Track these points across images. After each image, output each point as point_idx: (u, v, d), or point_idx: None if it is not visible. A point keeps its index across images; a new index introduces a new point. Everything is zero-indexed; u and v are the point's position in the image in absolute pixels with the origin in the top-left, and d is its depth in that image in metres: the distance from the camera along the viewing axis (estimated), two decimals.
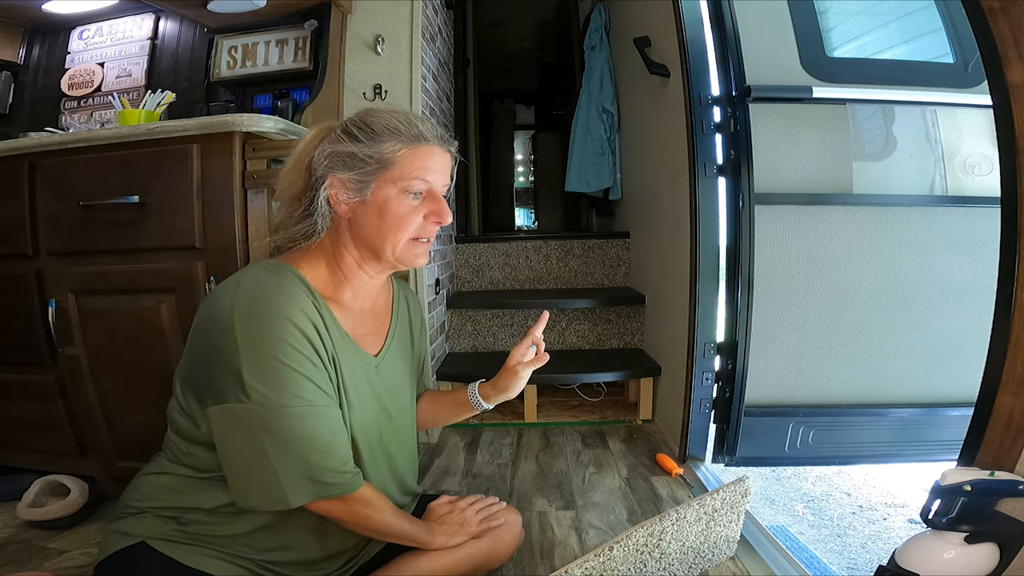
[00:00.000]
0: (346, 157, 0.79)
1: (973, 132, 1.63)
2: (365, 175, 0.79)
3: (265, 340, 0.72)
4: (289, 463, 0.73)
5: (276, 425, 0.72)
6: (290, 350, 0.73)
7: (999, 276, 0.80)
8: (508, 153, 4.99)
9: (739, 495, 1.03)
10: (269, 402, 0.72)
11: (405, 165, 0.79)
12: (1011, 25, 0.73)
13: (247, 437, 0.73)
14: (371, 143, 0.78)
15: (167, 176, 1.20)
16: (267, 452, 0.73)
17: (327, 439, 0.76)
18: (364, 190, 0.79)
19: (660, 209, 2.04)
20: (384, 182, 0.79)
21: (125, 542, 0.78)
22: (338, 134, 0.81)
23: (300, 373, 0.73)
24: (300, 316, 0.74)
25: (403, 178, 0.79)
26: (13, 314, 1.32)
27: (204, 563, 0.77)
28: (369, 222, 0.80)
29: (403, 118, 0.80)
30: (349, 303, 0.86)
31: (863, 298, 1.61)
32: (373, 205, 0.79)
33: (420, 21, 1.79)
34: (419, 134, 0.80)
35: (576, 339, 2.42)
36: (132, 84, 1.95)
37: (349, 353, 0.83)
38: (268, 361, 0.72)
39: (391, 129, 0.79)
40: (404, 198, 0.80)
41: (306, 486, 0.74)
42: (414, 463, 1.04)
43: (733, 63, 1.54)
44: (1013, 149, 0.76)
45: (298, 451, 0.73)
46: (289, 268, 0.80)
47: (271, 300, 0.74)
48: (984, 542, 0.75)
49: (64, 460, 1.38)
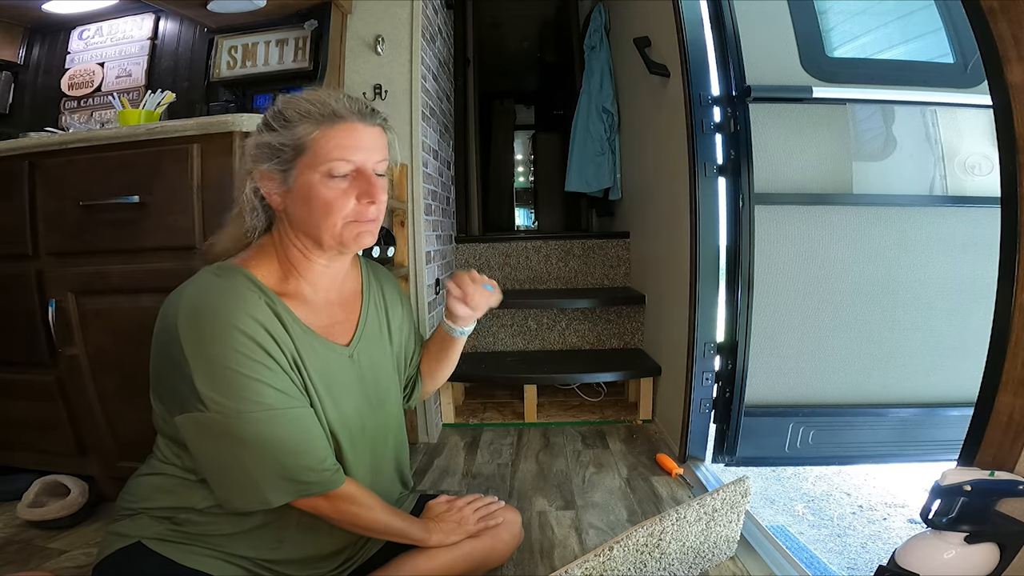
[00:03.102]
0: (265, 148, 0.77)
1: (973, 132, 1.63)
2: (284, 163, 0.76)
3: (214, 350, 0.71)
4: (263, 465, 0.73)
5: (240, 432, 0.71)
6: (241, 358, 0.71)
7: (999, 276, 0.80)
8: (508, 153, 4.99)
9: (739, 495, 1.03)
10: (228, 410, 0.71)
11: (320, 147, 0.75)
12: (1011, 25, 0.73)
13: (216, 444, 0.73)
14: (284, 130, 0.76)
15: (167, 176, 1.20)
16: (238, 457, 0.72)
17: (298, 439, 0.74)
18: (287, 179, 0.77)
19: (660, 209, 2.04)
20: (304, 168, 0.76)
21: (121, 543, 0.78)
22: (259, 126, 0.80)
23: (255, 379, 0.72)
24: (248, 322, 0.72)
25: (320, 160, 0.75)
26: (13, 314, 1.32)
27: (201, 562, 0.77)
28: (299, 210, 0.78)
29: (315, 98, 0.77)
30: (310, 296, 0.84)
31: (863, 298, 1.61)
32: (298, 193, 0.77)
33: (420, 21, 1.79)
34: (332, 112, 0.76)
35: (576, 339, 2.42)
36: (132, 84, 1.95)
37: (314, 348, 0.81)
38: (220, 371, 0.71)
39: (302, 113, 0.76)
40: (328, 182, 0.76)
41: (284, 486, 0.74)
42: (404, 450, 1.02)
43: (733, 63, 1.54)
44: (1013, 149, 0.76)
45: (269, 454, 0.72)
46: (239, 269, 0.78)
47: (217, 308, 0.72)
48: (984, 542, 0.75)
49: (64, 460, 1.38)
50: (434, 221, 2.11)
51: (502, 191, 4.70)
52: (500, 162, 4.74)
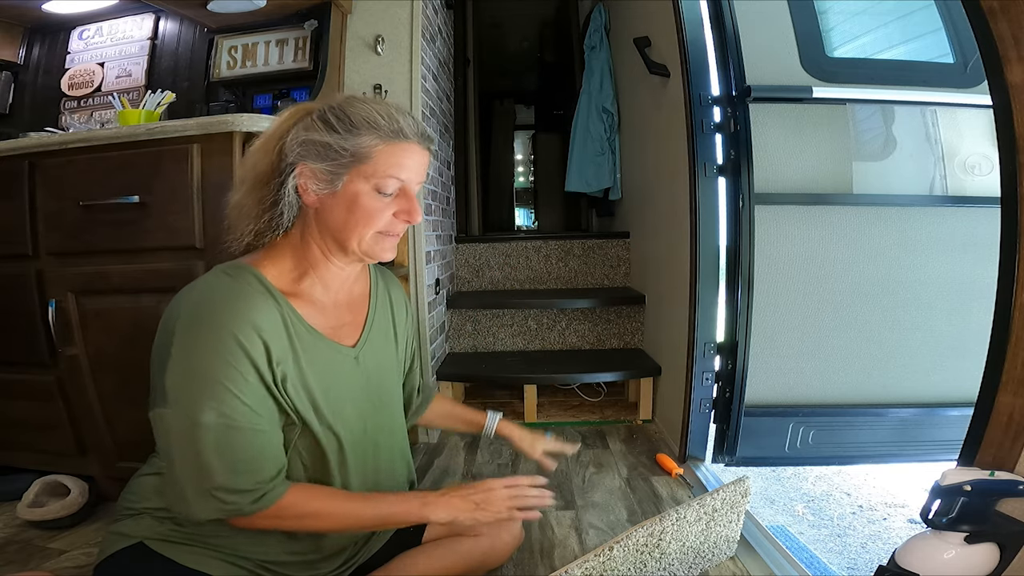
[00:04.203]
0: (320, 147, 0.75)
1: (973, 132, 1.63)
2: (338, 167, 0.75)
3: (199, 349, 0.69)
4: (193, 474, 0.69)
5: (187, 434, 0.69)
6: (222, 364, 0.69)
7: (999, 276, 0.80)
8: (508, 153, 4.98)
9: (739, 495, 1.03)
10: (183, 408, 0.69)
11: (380, 161, 0.75)
12: (1011, 25, 0.73)
13: (165, 442, 0.71)
14: (348, 135, 0.75)
15: (167, 176, 1.20)
16: (174, 460, 0.70)
17: (242, 458, 0.70)
18: (335, 182, 0.76)
19: (660, 209, 2.04)
20: (357, 176, 0.75)
21: (123, 543, 0.78)
22: (314, 120, 0.77)
23: (227, 387, 0.69)
24: (246, 330, 0.70)
25: (377, 175, 0.76)
26: (13, 314, 1.32)
27: (202, 563, 0.77)
28: (337, 215, 0.77)
29: (384, 111, 0.76)
30: (319, 297, 0.83)
31: (863, 298, 1.61)
32: (343, 198, 0.76)
33: (420, 21, 1.79)
34: (399, 129, 0.76)
35: (576, 339, 2.42)
36: (132, 84, 1.95)
37: (319, 349, 0.80)
38: (195, 370, 0.69)
39: (370, 122, 0.75)
40: (375, 194, 0.76)
41: (208, 502, 0.70)
42: (406, 451, 1.01)
43: (733, 63, 1.54)
44: (1013, 149, 0.76)
45: (205, 465, 0.69)
46: (249, 269, 0.77)
47: (219, 309, 0.71)
48: (984, 542, 0.75)
49: (64, 460, 1.38)
50: (434, 221, 2.11)
51: (502, 191, 4.70)
52: (500, 162, 4.74)
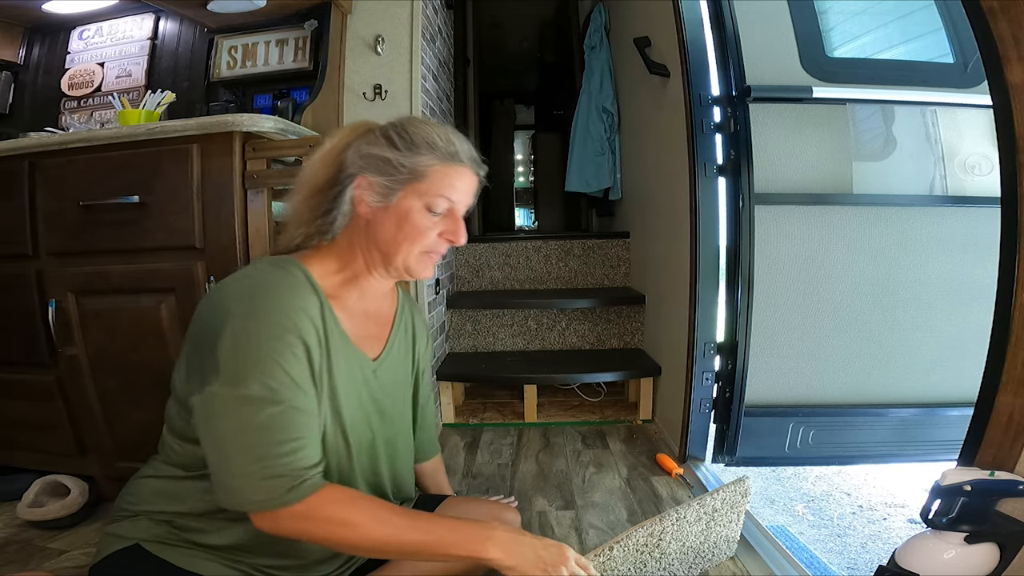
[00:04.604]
0: (380, 161, 0.79)
1: (973, 132, 1.63)
2: (394, 182, 0.79)
3: (258, 326, 0.70)
4: (236, 455, 0.68)
5: (235, 410, 0.68)
6: (277, 342, 0.70)
7: (999, 276, 0.80)
8: (508, 153, 4.99)
9: (739, 495, 1.03)
10: (235, 382, 0.68)
11: (434, 181, 0.80)
12: (1011, 25, 0.73)
13: (210, 425, 0.69)
14: (407, 152, 0.79)
15: (167, 176, 1.20)
16: (219, 441, 0.69)
17: (279, 437, 0.69)
18: (390, 196, 0.80)
19: (660, 209, 2.04)
20: (410, 193, 0.80)
21: (119, 544, 0.78)
22: (376, 136, 0.81)
23: (279, 364, 0.69)
24: (300, 315, 0.72)
25: (429, 193, 0.80)
26: (13, 314, 1.32)
27: (198, 565, 0.76)
28: (387, 228, 0.80)
29: (443, 133, 0.82)
30: (353, 304, 0.85)
31: (863, 298, 1.61)
32: (395, 213, 0.80)
33: (420, 21, 1.79)
34: (455, 153, 0.81)
35: (576, 339, 2.42)
36: (132, 84, 1.95)
37: (346, 353, 0.82)
38: (251, 346, 0.69)
39: (429, 142, 0.80)
40: (426, 213, 0.80)
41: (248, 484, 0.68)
42: (410, 468, 1.02)
43: (733, 63, 1.54)
44: (1013, 149, 0.76)
45: (246, 444, 0.68)
46: (296, 263, 0.79)
47: (274, 293, 0.73)
48: (984, 542, 0.75)
49: (64, 460, 1.38)
50: None
51: (502, 191, 4.71)
52: (500, 162, 4.74)
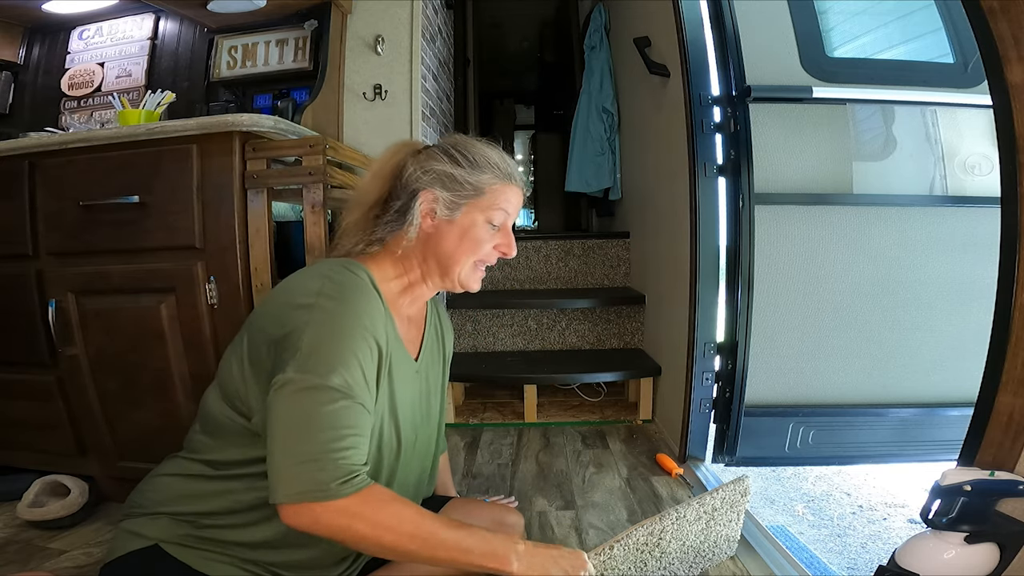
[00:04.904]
0: (447, 177, 0.85)
1: (973, 132, 1.63)
2: (459, 197, 0.85)
3: (344, 322, 0.73)
4: (296, 442, 0.67)
5: (309, 398, 0.68)
6: (360, 340, 0.74)
7: (999, 276, 0.80)
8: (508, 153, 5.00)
9: (739, 494, 1.03)
10: (317, 371, 0.69)
11: (494, 197, 0.87)
12: (1011, 25, 0.73)
13: (277, 413, 0.69)
14: (472, 170, 0.86)
15: (167, 176, 1.20)
16: (283, 429, 0.68)
17: (343, 433, 0.69)
18: (455, 211, 0.85)
19: (660, 209, 2.04)
20: (473, 208, 0.86)
21: (137, 543, 0.77)
22: (437, 154, 0.87)
23: (358, 360, 0.73)
24: (376, 318, 0.77)
25: (492, 208, 0.87)
26: (13, 314, 1.32)
27: (214, 568, 0.76)
28: (450, 241, 0.86)
29: (499, 154, 0.90)
30: (405, 309, 0.90)
31: (863, 298, 1.61)
32: (459, 226, 0.86)
33: (420, 21, 1.79)
34: (510, 173, 0.89)
35: (576, 339, 2.42)
36: (132, 84, 1.95)
37: (400, 355, 0.85)
38: (336, 339, 0.72)
39: (490, 163, 0.87)
40: (486, 226, 0.87)
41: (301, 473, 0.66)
42: (436, 467, 1.05)
43: (733, 63, 1.54)
44: (1013, 149, 0.76)
45: (311, 432, 0.67)
46: (363, 267, 0.82)
47: (355, 294, 0.77)
48: (984, 542, 0.75)
49: (64, 460, 1.38)
50: None
51: None
52: None
